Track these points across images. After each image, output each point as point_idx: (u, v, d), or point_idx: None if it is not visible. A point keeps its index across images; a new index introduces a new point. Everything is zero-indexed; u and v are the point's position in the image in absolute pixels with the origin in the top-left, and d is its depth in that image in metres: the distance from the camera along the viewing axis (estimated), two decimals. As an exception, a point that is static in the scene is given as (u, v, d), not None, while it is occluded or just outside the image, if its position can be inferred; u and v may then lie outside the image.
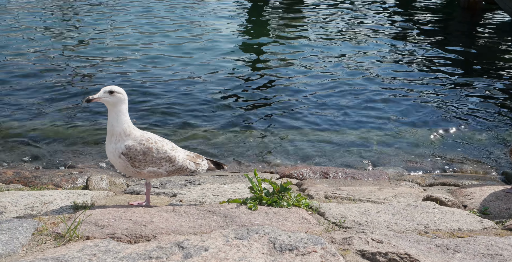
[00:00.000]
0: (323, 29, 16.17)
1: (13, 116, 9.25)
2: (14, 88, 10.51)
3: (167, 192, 5.26)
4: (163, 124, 9.27)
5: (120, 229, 3.61)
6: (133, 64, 12.30)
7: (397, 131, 9.40)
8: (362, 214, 4.31)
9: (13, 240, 3.40)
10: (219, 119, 9.55)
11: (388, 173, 7.55)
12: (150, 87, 10.92)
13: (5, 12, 16.70)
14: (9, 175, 6.62)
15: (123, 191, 5.62)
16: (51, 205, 4.39)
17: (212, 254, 3.13)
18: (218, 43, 14.29)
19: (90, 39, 14.15)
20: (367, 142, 8.92)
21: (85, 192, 5.06)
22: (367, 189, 5.96)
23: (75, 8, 17.81)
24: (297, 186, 6.20)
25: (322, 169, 7.20)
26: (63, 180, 6.33)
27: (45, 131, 8.77)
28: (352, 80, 11.79)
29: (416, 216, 4.35)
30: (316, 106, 10.27)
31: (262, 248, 3.24)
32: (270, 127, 9.31)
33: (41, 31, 14.85)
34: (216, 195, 5.04)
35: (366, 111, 10.18)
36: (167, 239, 3.42)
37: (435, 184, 6.86)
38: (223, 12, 18.04)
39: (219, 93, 10.75)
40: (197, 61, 12.66)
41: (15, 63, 11.97)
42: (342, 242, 3.54)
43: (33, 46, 13.37)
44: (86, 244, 3.32)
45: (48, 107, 9.68)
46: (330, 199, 5.18)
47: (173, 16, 17.01)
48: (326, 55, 13.51)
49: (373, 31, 16.09)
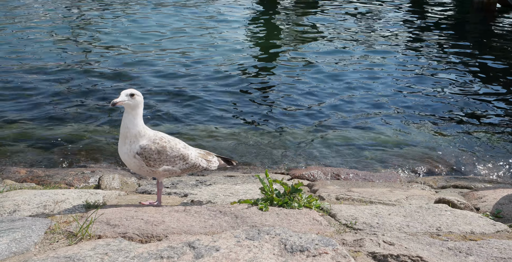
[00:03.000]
0: (336, 30, 16.13)
1: (26, 116, 9.33)
2: (27, 88, 10.60)
3: (178, 192, 5.28)
4: (173, 123, 9.30)
5: (132, 228, 3.63)
6: (144, 65, 12.36)
7: (408, 132, 9.35)
8: (374, 216, 4.29)
9: (26, 238, 3.43)
10: (230, 120, 9.56)
11: (399, 175, 7.51)
12: (161, 87, 10.95)
13: (21, 9, 16.87)
14: (22, 173, 6.68)
15: (134, 190, 5.65)
16: (64, 204, 4.42)
17: (223, 255, 3.13)
18: (230, 44, 14.32)
19: (103, 40, 14.26)
20: (379, 144, 8.89)
21: (97, 191, 5.09)
22: (378, 191, 5.93)
23: (89, 8, 17.94)
24: (308, 187, 6.19)
25: (333, 171, 7.18)
26: (75, 179, 6.37)
27: (58, 131, 8.84)
28: (364, 81, 11.76)
29: (428, 218, 4.32)
30: (328, 108, 10.25)
31: (273, 249, 3.24)
32: (282, 128, 9.30)
33: (60, 29, 15.00)
34: (227, 195, 5.04)
35: (377, 112, 10.14)
36: (178, 239, 3.43)
37: (447, 187, 6.81)
38: (234, 13, 18.06)
39: (230, 94, 10.76)
40: (208, 62, 12.69)
41: (27, 62, 12.07)
42: (354, 244, 3.52)
43: (48, 45, 13.51)
44: (98, 243, 3.34)
45: (61, 108, 9.75)
46: (341, 201, 5.17)
47: (185, 16, 17.07)
48: (338, 57, 13.48)
49: (385, 32, 16.03)
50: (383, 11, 19.00)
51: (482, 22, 17.68)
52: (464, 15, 18.97)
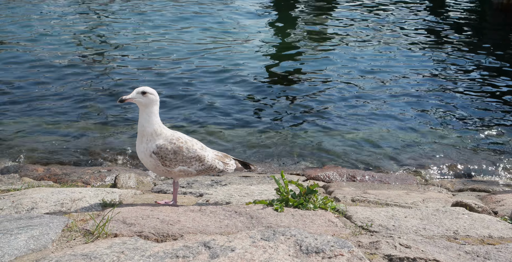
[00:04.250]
0: (353, 30, 16.06)
1: (43, 115, 9.44)
2: (44, 86, 10.73)
3: (193, 191, 5.29)
4: (190, 123, 9.33)
5: (148, 227, 3.65)
6: (158, 63, 12.43)
7: (425, 135, 9.27)
8: (390, 218, 4.25)
9: (44, 235, 3.47)
10: (245, 121, 9.57)
11: (416, 177, 7.45)
12: (176, 87, 11.01)
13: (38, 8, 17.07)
14: (40, 171, 6.76)
15: (150, 189, 5.68)
16: (81, 202, 4.46)
17: (238, 255, 3.13)
18: (246, 44, 14.34)
19: (119, 38, 14.38)
20: (395, 146, 8.82)
21: (113, 190, 5.13)
22: (394, 193, 5.88)
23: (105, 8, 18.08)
24: (323, 188, 6.17)
25: (349, 172, 7.14)
26: (92, 178, 6.43)
27: (75, 130, 8.93)
28: (380, 83, 11.68)
29: (445, 221, 4.27)
30: (344, 109, 10.20)
31: (288, 250, 3.23)
32: (297, 129, 9.29)
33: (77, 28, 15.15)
34: (243, 196, 5.04)
35: (394, 114, 10.08)
36: (194, 239, 3.44)
37: (465, 190, 6.74)
38: (250, 13, 18.07)
39: (246, 95, 10.77)
40: (223, 63, 12.70)
41: (45, 62, 12.21)
42: (369, 246, 3.50)
43: (65, 42, 13.67)
44: (114, 242, 3.36)
45: (78, 106, 9.85)
46: (357, 203, 5.14)
47: (201, 15, 17.12)
48: (354, 57, 13.41)
49: (404, 33, 15.90)
50: (402, 11, 18.86)
51: (501, 23, 17.46)
52: (484, 15, 18.76)
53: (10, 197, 4.64)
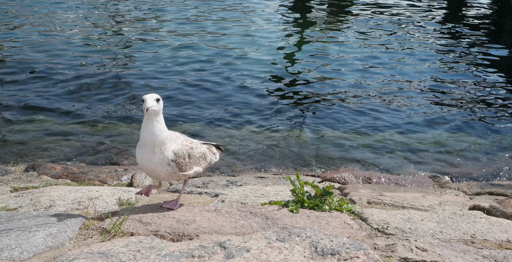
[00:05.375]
0: (368, 31, 15.98)
1: (61, 115, 9.55)
2: (61, 85, 10.85)
3: (209, 192, 5.31)
4: (202, 125, 9.35)
5: (164, 226, 3.67)
6: (172, 64, 12.50)
7: (442, 137, 9.18)
8: (406, 221, 4.23)
9: (61, 233, 3.51)
10: (262, 121, 9.57)
11: (432, 180, 7.38)
12: (190, 87, 11.06)
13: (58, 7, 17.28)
14: (57, 170, 6.83)
15: (166, 189, 5.71)
16: (97, 201, 4.50)
17: (253, 256, 3.13)
18: (262, 45, 14.35)
19: (133, 38, 14.50)
20: (411, 148, 8.76)
21: (130, 189, 5.16)
22: (410, 196, 5.84)
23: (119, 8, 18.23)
24: (339, 190, 6.14)
25: (364, 174, 7.11)
26: (108, 176, 6.48)
27: (92, 129, 9.02)
28: (396, 84, 11.61)
29: (462, 225, 4.23)
30: (360, 111, 10.16)
31: (303, 251, 3.22)
32: (313, 130, 9.27)
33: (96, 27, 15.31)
34: (258, 196, 5.04)
35: (410, 116, 10.00)
36: (209, 239, 3.45)
37: (482, 193, 6.66)
38: (267, 15, 18.09)
39: (261, 96, 10.77)
40: (239, 63, 12.73)
41: (61, 60, 12.35)
42: (385, 248, 3.48)
43: (83, 41, 13.82)
44: (131, 240, 3.39)
45: (95, 106, 9.95)
46: (372, 205, 5.11)
47: (217, 17, 17.19)
48: (371, 58, 13.35)
49: (421, 34, 15.79)
50: (419, 12, 18.72)
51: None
52: (502, 16, 18.53)
53: (28, 195, 4.70)
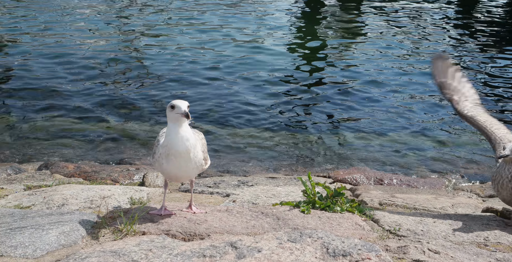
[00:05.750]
0: (381, 31, 15.92)
1: (72, 113, 9.63)
2: (73, 86, 10.93)
3: (220, 192, 5.32)
4: (216, 125, 9.37)
5: (175, 226, 3.68)
6: (181, 62, 12.55)
7: (454, 138, 9.11)
8: (418, 223, 4.20)
9: (74, 231, 3.54)
10: (273, 121, 9.56)
11: (445, 182, 7.33)
12: (201, 85, 11.09)
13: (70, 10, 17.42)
14: (70, 169, 6.88)
15: (177, 189, 5.73)
16: (110, 200, 4.53)
17: (265, 256, 3.13)
18: (271, 46, 14.36)
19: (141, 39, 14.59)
20: (423, 149, 8.70)
21: (142, 188, 5.19)
22: (423, 198, 5.80)
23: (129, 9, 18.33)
24: (350, 191, 6.12)
25: (376, 175, 7.07)
26: (120, 176, 6.52)
27: (104, 129, 9.08)
28: (409, 84, 11.56)
29: (475, 227, 4.19)
30: (371, 111, 10.12)
31: (315, 252, 3.22)
32: (324, 131, 9.24)
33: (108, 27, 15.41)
34: (269, 197, 5.04)
35: (420, 116, 9.94)
36: (221, 239, 3.46)
37: (495, 196, 6.59)
38: (277, 15, 18.08)
39: (272, 96, 10.77)
40: (248, 64, 12.73)
41: (74, 59, 12.45)
42: (397, 250, 3.46)
43: (98, 40, 13.94)
44: (142, 239, 3.41)
45: (107, 106, 10.01)
46: (384, 206, 5.08)
47: (225, 17, 17.22)
48: (382, 58, 13.31)
49: (435, 34, 15.70)
50: (432, 11, 18.61)
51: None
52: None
53: (41, 193, 4.74)
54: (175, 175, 3.73)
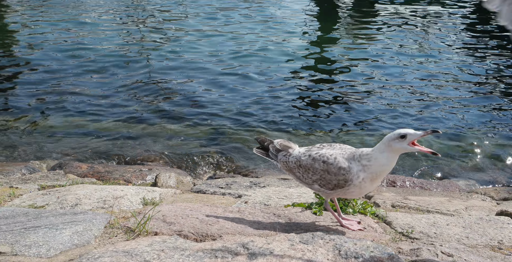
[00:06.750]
0: (394, 34, 15.84)
1: (86, 113, 9.71)
2: (87, 87, 11.01)
3: (232, 193, 5.32)
4: (225, 122, 9.40)
5: (187, 227, 3.69)
6: (200, 61, 12.61)
7: (467, 141, 9.03)
8: (431, 226, 4.17)
9: (87, 231, 3.56)
10: (286, 123, 9.55)
11: (458, 185, 7.27)
12: (216, 85, 11.12)
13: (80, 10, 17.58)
14: (83, 169, 6.93)
15: (189, 189, 5.74)
16: (122, 200, 4.55)
17: (276, 257, 3.13)
18: (285, 46, 14.36)
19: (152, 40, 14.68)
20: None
21: (154, 189, 5.21)
22: (436, 200, 5.75)
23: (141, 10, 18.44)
24: (362, 193, 6.09)
25: (389, 177, 7.03)
26: (133, 176, 6.55)
27: (117, 129, 9.14)
28: (422, 86, 11.49)
29: (489, 230, 4.15)
30: (382, 112, 10.07)
31: (327, 254, 3.21)
32: (338, 132, 9.21)
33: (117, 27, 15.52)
34: (281, 198, 5.03)
35: (435, 119, 9.86)
36: (232, 240, 3.46)
37: (510, 199, 6.52)
38: (290, 18, 18.08)
39: (283, 96, 10.76)
40: (266, 63, 12.76)
41: (88, 60, 12.54)
42: (410, 253, 3.44)
43: (112, 40, 14.07)
44: (155, 240, 3.42)
45: (121, 107, 10.07)
46: (397, 208, 5.05)
47: (240, 18, 17.25)
48: (393, 60, 13.23)
49: (447, 38, 15.59)
50: (444, 15, 18.49)
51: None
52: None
53: (55, 193, 4.78)
54: (370, 190, 3.76)
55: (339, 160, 3.58)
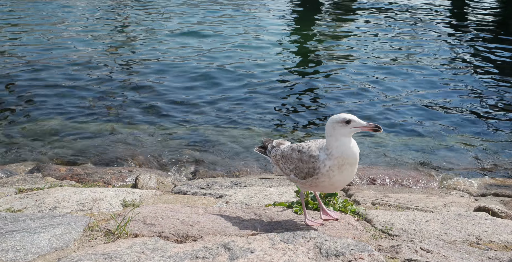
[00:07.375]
0: (379, 31, 16.00)
1: (65, 116, 9.58)
2: (68, 86, 10.89)
3: (213, 193, 5.31)
4: (203, 124, 9.37)
5: (168, 228, 3.67)
6: (181, 63, 12.54)
7: (448, 139, 9.14)
8: (410, 222, 4.21)
9: (66, 234, 3.52)
10: (267, 121, 9.56)
11: (437, 181, 7.36)
12: (200, 90, 11.07)
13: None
14: (62, 171, 6.85)
15: (170, 190, 5.71)
16: (102, 202, 4.51)
17: (257, 257, 3.13)
18: (270, 45, 14.40)
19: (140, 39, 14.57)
20: (416, 149, 8.72)
21: (134, 190, 5.17)
22: (415, 197, 5.82)
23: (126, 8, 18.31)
24: (343, 191, 6.13)
25: (369, 175, 7.08)
26: (113, 178, 6.49)
27: (96, 130, 9.04)
28: (404, 85, 11.60)
29: (467, 226, 4.21)
30: (365, 111, 10.13)
31: (308, 252, 3.22)
32: (317, 131, 9.25)
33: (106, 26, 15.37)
34: (262, 197, 5.04)
35: (415, 116, 9.96)
36: (213, 240, 3.45)
37: (488, 195, 6.63)
38: (273, 16, 18.13)
39: (267, 96, 10.77)
40: (247, 60, 12.76)
41: (68, 61, 12.41)
42: (390, 250, 3.47)
43: (93, 44, 13.94)
44: (135, 242, 3.39)
45: (99, 108, 9.97)
46: (377, 206, 5.09)
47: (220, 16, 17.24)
48: (382, 55, 13.39)
49: (428, 37, 15.79)
50: (425, 13, 18.72)
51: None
52: (509, 19, 18.52)
53: (33, 196, 4.71)
54: (343, 184, 3.74)
55: (311, 149, 3.67)
